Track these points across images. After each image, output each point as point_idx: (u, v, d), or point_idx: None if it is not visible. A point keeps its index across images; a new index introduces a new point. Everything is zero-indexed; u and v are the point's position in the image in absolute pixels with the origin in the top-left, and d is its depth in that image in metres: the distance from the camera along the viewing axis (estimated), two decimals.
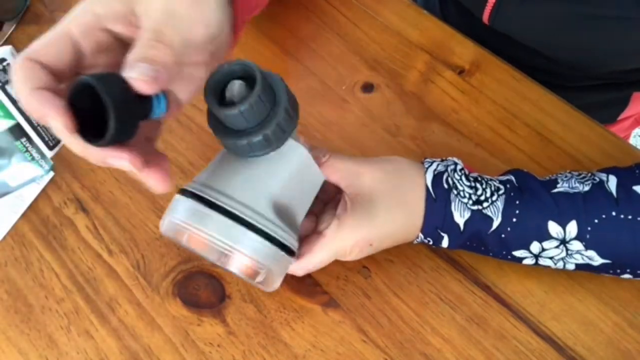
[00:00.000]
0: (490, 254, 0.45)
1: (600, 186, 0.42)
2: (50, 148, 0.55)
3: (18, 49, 0.62)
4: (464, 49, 0.57)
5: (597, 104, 0.67)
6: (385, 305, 0.47)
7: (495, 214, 0.42)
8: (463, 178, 0.43)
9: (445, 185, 0.43)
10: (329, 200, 0.47)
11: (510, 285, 0.48)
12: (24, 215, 0.54)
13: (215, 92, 0.37)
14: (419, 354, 0.45)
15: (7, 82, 0.50)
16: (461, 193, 0.42)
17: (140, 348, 0.47)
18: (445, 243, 0.44)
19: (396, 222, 0.43)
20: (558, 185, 0.43)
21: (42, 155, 0.55)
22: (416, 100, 0.55)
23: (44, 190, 0.55)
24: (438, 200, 0.42)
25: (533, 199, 0.42)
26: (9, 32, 0.66)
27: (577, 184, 0.43)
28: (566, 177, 0.44)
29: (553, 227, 0.41)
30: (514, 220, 0.42)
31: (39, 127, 0.53)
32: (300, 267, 0.43)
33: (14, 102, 0.51)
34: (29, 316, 0.49)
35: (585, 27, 0.51)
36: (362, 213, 0.42)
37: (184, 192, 0.40)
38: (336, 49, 0.59)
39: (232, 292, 0.49)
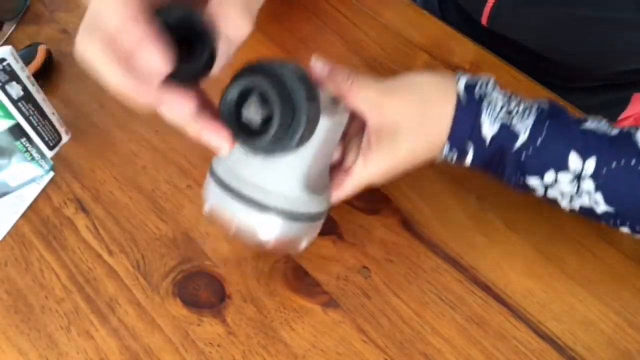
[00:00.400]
0: (505, 178, 0.44)
1: (628, 135, 0.42)
2: (50, 148, 0.55)
3: (18, 49, 0.62)
4: (464, 49, 0.57)
5: (598, 105, 0.67)
6: (385, 305, 0.47)
7: (523, 130, 0.41)
8: (496, 91, 0.43)
9: (477, 96, 0.42)
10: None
11: (510, 285, 0.48)
12: (24, 215, 0.54)
13: (230, 112, 0.36)
14: (419, 354, 0.45)
15: (7, 82, 0.50)
16: (492, 103, 0.42)
17: (140, 348, 0.47)
18: (469, 157, 0.43)
19: (420, 149, 0.43)
20: (588, 123, 0.42)
21: (42, 155, 0.55)
22: None
23: (44, 190, 0.55)
24: (468, 107, 0.42)
25: (562, 126, 0.42)
26: (9, 32, 0.66)
27: (606, 127, 0.42)
28: (596, 119, 0.43)
29: (573, 159, 0.41)
30: (539, 142, 0.41)
31: (38, 127, 0.53)
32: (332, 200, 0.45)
33: (14, 102, 0.50)
34: (29, 316, 0.49)
35: (583, 29, 0.51)
36: (385, 147, 0.42)
37: (215, 176, 0.41)
38: (336, 49, 0.59)
39: (232, 292, 0.49)
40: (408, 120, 0.42)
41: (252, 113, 0.35)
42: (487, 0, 0.56)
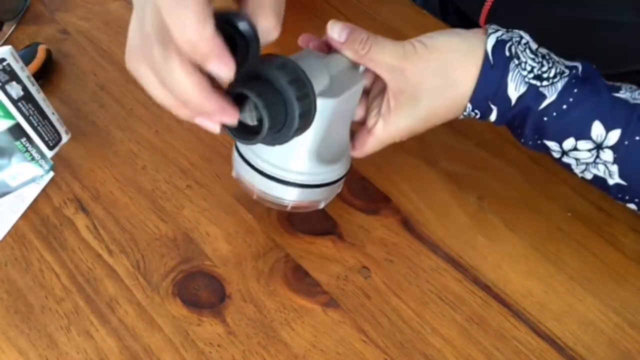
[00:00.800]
0: (522, 138, 0.44)
1: None
2: (50, 148, 0.55)
3: (18, 49, 0.62)
4: None
5: None
6: (385, 305, 0.47)
7: (551, 93, 0.40)
8: (527, 51, 0.42)
9: (507, 53, 0.41)
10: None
11: (510, 285, 0.48)
12: (24, 215, 0.54)
13: None
14: (419, 354, 0.45)
15: (7, 82, 0.50)
16: (522, 64, 0.41)
17: (140, 348, 0.47)
18: (493, 117, 0.43)
19: (441, 111, 0.44)
20: (621, 92, 0.41)
21: (42, 155, 0.55)
22: None
23: (44, 190, 0.55)
24: (496, 67, 0.41)
25: (592, 93, 0.41)
26: (9, 32, 0.66)
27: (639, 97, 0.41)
28: (630, 88, 0.42)
29: (597, 128, 0.40)
30: (564, 107, 0.40)
31: (39, 127, 0.53)
32: (355, 155, 0.47)
33: (14, 102, 0.50)
34: (29, 316, 0.49)
35: (581, 32, 0.51)
36: (405, 111, 0.43)
37: (236, 148, 0.45)
38: None
39: (232, 292, 0.49)
40: (428, 84, 0.42)
41: (247, 117, 0.37)
42: (484, 2, 0.56)
